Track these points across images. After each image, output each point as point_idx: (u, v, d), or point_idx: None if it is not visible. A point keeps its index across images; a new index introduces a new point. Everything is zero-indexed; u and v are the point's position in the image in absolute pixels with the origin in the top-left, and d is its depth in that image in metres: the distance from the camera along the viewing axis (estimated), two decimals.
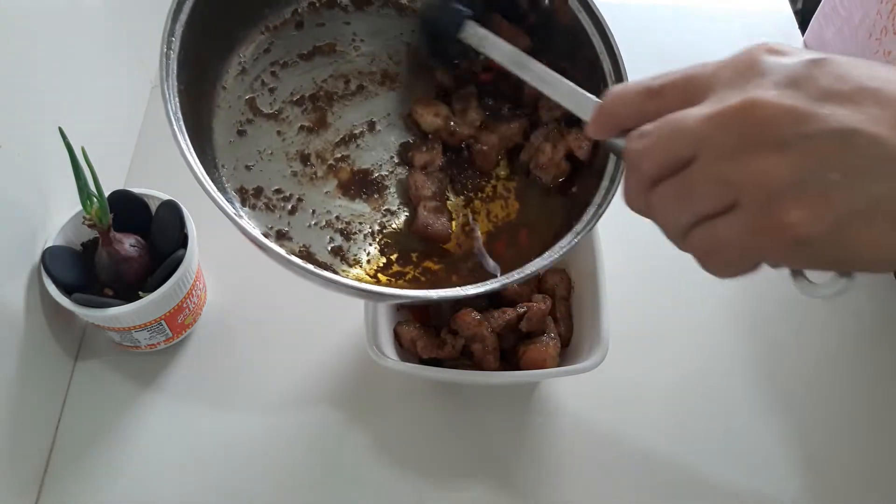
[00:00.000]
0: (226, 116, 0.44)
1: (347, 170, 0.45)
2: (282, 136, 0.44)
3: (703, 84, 0.30)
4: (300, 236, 0.42)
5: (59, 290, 0.49)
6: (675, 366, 0.55)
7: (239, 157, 0.43)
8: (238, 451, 0.51)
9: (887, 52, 0.61)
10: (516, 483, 0.50)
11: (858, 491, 0.51)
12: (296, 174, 0.44)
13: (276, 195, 0.43)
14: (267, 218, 0.42)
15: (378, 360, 0.46)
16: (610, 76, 0.44)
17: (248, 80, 0.45)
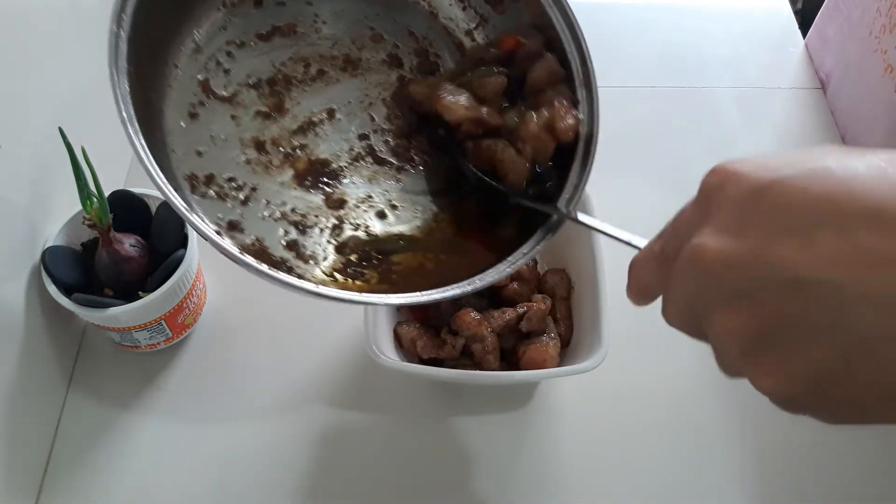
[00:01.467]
0: (178, 97, 0.41)
1: (304, 159, 0.43)
2: (236, 121, 0.42)
3: (680, 231, 0.28)
4: (253, 228, 0.40)
5: (59, 290, 0.49)
6: (675, 366, 0.55)
7: (190, 142, 0.41)
8: (238, 451, 0.51)
9: (884, 49, 0.61)
10: (516, 483, 0.50)
11: (859, 490, 0.51)
12: (250, 162, 0.42)
13: (228, 183, 0.41)
14: (218, 207, 0.40)
15: (378, 360, 0.46)
16: (578, 77, 0.43)
17: (202, 60, 0.42)
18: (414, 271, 0.41)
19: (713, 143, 0.69)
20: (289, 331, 0.56)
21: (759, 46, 0.78)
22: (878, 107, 0.62)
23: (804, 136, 0.70)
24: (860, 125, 0.67)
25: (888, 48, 0.60)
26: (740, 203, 0.24)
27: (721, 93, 0.73)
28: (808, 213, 0.23)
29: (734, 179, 0.25)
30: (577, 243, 0.53)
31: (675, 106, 0.72)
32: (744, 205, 0.24)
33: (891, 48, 0.60)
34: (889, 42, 0.60)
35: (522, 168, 0.42)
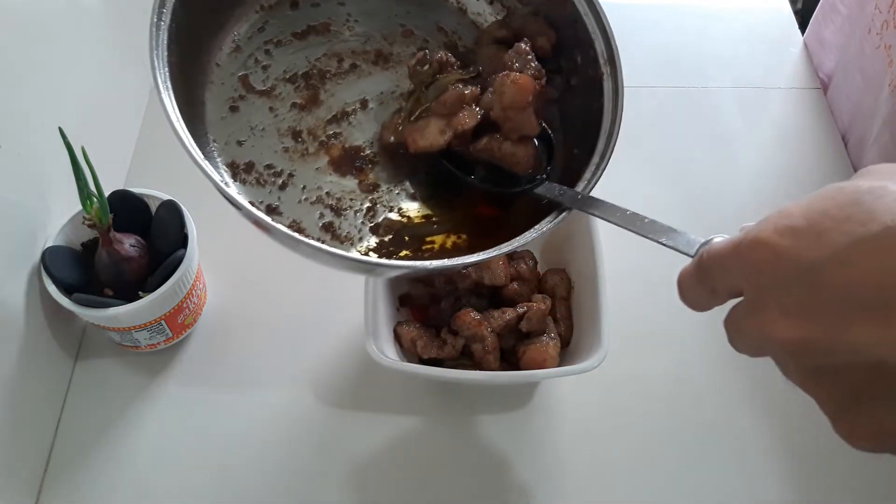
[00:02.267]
0: (218, 92, 0.44)
1: (339, 146, 0.45)
2: (274, 113, 0.44)
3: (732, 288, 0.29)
4: (291, 211, 0.42)
5: (59, 290, 0.49)
6: (675, 366, 0.55)
7: (231, 133, 0.43)
8: (238, 451, 0.51)
9: (888, 45, 0.61)
10: (516, 483, 0.50)
11: (861, 491, 0.51)
12: (287, 150, 0.44)
13: (267, 170, 0.43)
14: (257, 193, 0.42)
15: (378, 360, 0.46)
16: (602, 55, 0.44)
17: (241, 58, 0.45)
18: (446, 251, 0.43)
19: (713, 142, 0.69)
20: (289, 331, 0.56)
21: (760, 46, 0.78)
22: (880, 103, 0.63)
23: (804, 136, 0.70)
24: (860, 122, 0.67)
25: (892, 44, 0.60)
26: (799, 285, 0.24)
27: (721, 92, 0.73)
28: (876, 287, 0.22)
29: (785, 260, 0.25)
30: (577, 243, 0.53)
31: (675, 106, 0.72)
32: (803, 287, 0.24)
33: (894, 43, 0.60)
34: (892, 37, 0.60)
35: (525, 154, 0.43)
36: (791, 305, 0.25)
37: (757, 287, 0.27)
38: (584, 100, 0.45)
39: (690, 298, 0.33)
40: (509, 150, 0.43)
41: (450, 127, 0.43)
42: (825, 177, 0.66)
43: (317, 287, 0.59)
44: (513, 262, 0.53)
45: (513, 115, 0.42)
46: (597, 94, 0.44)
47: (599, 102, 0.44)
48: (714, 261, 0.29)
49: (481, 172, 0.44)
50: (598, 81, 0.44)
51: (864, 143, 0.66)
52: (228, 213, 0.67)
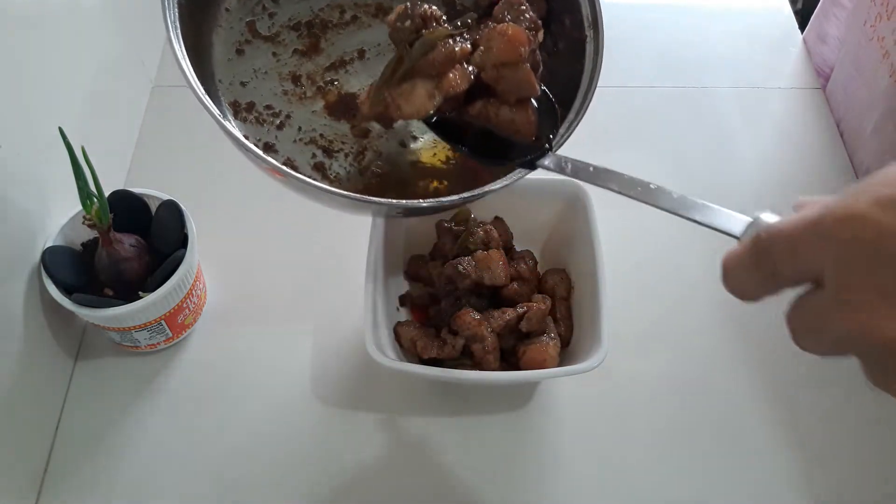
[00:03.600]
0: (226, 36, 0.47)
1: (335, 92, 0.47)
2: (276, 58, 0.47)
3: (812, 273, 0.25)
4: (286, 149, 0.45)
5: (59, 290, 0.49)
6: (675, 366, 0.55)
7: (236, 74, 0.46)
8: (238, 451, 0.51)
9: (881, 37, 0.62)
10: (516, 483, 0.50)
11: (862, 491, 0.51)
12: (286, 93, 0.47)
13: (266, 111, 0.46)
14: (256, 131, 0.45)
15: (378, 360, 0.46)
16: (587, 18, 0.45)
17: (249, 5, 0.48)
18: (429, 194, 0.45)
19: (713, 142, 0.69)
20: (289, 331, 0.56)
21: (760, 46, 0.78)
22: (875, 94, 0.63)
23: (804, 136, 0.70)
24: (856, 115, 0.67)
25: (885, 35, 0.61)
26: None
27: (721, 92, 0.73)
28: None
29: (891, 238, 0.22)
30: (577, 243, 0.53)
31: (674, 106, 0.72)
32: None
33: (888, 35, 0.60)
34: (886, 29, 0.61)
35: (525, 121, 0.41)
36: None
37: (849, 273, 0.23)
38: (568, 62, 0.46)
39: (740, 286, 0.28)
40: (507, 117, 0.41)
41: (439, 90, 0.40)
42: (825, 176, 0.66)
43: (317, 287, 0.59)
44: (513, 262, 0.53)
45: (506, 73, 0.40)
46: (579, 55, 0.46)
47: (581, 64, 0.45)
48: (780, 241, 0.25)
49: (476, 138, 0.42)
50: (581, 44, 0.46)
51: (860, 134, 0.66)
52: (228, 213, 0.67)
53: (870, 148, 0.65)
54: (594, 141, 0.69)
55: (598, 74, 0.44)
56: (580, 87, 0.45)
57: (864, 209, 0.23)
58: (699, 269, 0.59)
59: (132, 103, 0.68)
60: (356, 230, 0.53)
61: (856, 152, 0.67)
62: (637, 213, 0.65)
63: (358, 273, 0.50)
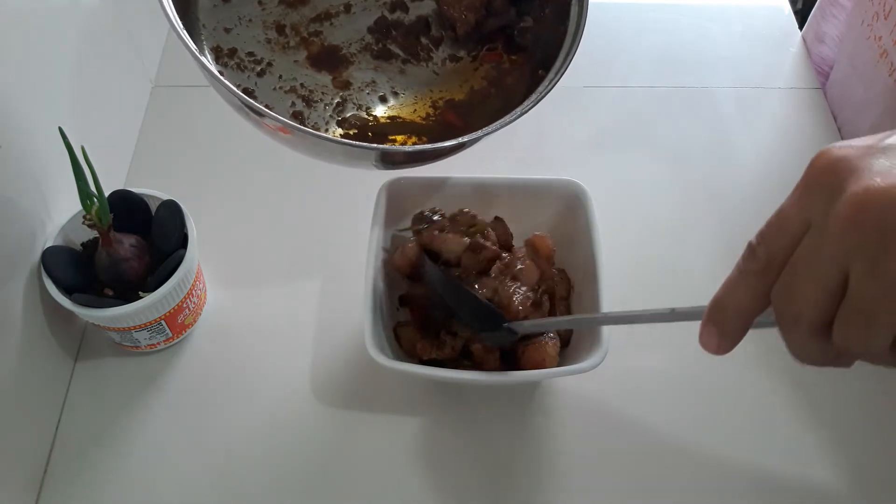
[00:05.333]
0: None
1: (318, 44, 0.48)
2: (262, 6, 0.48)
3: (798, 224, 0.29)
4: (265, 96, 0.45)
5: (59, 290, 0.49)
6: (675, 365, 0.55)
7: (220, 20, 0.47)
8: (238, 452, 0.51)
9: (877, 36, 0.62)
10: (516, 483, 0.50)
11: (864, 491, 0.51)
12: (269, 41, 0.47)
13: (248, 57, 0.47)
14: (236, 76, 0.46)
15: (378, 360, 0.46)
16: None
17: None
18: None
19: (712, 142, 0.69)
20: (289, 331, 0.56)
21: (759, 46, 0.78)
22: (873, 93, 0.63)
23: (803, 136, 0.70)
24: (855, 114, 0.67)
25: (883, 34, 0.61)
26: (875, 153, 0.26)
27: (720, 92, 0.73)
28: None
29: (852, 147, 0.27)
30: (577, 243, 0.53)
31: (674, 106, 0.72)
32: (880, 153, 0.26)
33: (885, 34, 0.61)
34: (883, 28, 0.61)
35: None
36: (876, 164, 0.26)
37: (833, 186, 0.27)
38: (553, 25, 0.47)
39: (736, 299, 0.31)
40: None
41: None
42: None
43: (317, 287, 0.59)
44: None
45: None
46: (563, 18, 0.47)
47: (565, 25, 0.47)
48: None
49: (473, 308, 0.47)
50: (566, 5, 0.47)
51: (859, 133, 0.66)
52: (228, 213, 0.67)
53: None
54: (594, 141, 0.70)
55: (580, 34, 0.45)
56: (562, 46, 0.46)
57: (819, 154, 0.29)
58: (699, 269, 0.59)
59: (132, 103, 0.68)
60: (356, 230, 0.53)
61: None
62: (637, 213, 0.66)
63: (358, 273, 0.50)
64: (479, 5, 0.48)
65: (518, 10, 0.50)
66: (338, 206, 0.63)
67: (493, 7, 0.49)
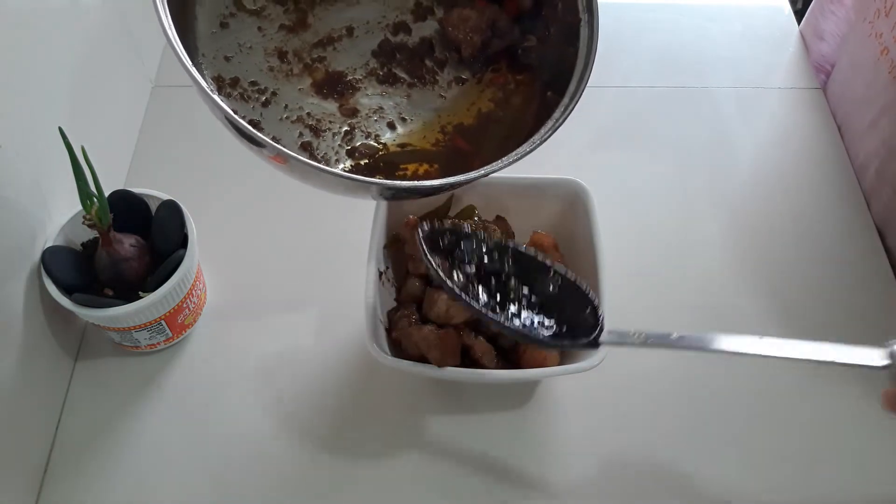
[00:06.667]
0: (210, 8, 0.46)
1: (323, 70, 0.46)
2: (262, 32, 0.46)
3: None
4: (271, 127, 0.44)
5: (59, 290, 0.49)
6: (675, 365, 0.55)
7: (219, 48, 0.45)
8: (238, 451, 0.51)
9: (878, 33, 0.62)
10: (517, 482, 0.50)
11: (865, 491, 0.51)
12: (272, 69, 0.46)
13: (251, 87, 0.45)
14: (241, 107, 0.44)
15: (379, 359, 0.46)
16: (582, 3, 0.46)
17: None
18: (419, 177, 0.44)
19: (712, 142, 0.69)
20: (289, 331, 0.56)
21: (759, 46, 0.78)
22: (873, 91, 0.63)
23: (803, 136, 0.70)
24: (855, 112, 0.67)
25: (884, 31, 0.61)
26: None
27: (720, 92, 0.73)
28: None
29: None
30: (578, 242, 0.53)
31: (674, 105, 0.72)
32: None
33: (886, 31, 0.61)
34: (884, 25, 0.61)
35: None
36: None
37: None
38: (561, 46, 0.47)
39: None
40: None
41: None
42: (824, 177, 0.66)
43: (317, 287, 0.59)
44: None
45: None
46: (573, 39, 0.46)
47: (575, 47, 0.45)
48: None
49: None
50: (575, 27, 0.46)
51: (858, 132, 0.66)
52: (228, 213, 0.67)
53: (867, 144, 0.65)
54: (594, 140, 0.70)
55: (593, 57, 0.45)
56: (574, 70, 0.45)
57: None
58: (700, 267, 0.59)
59: (132, 103, 0.68)
60: (357, 229, 0.53)
61: (854, 150, 0.67)
62: (638, 212, 0.66)
63: (358, 272, 0.50)
64: (484, 26, 0.48)
65: (522, 29, 0.49)
66: (338, 206, 0.63)
67: (498, 27, 0.48)
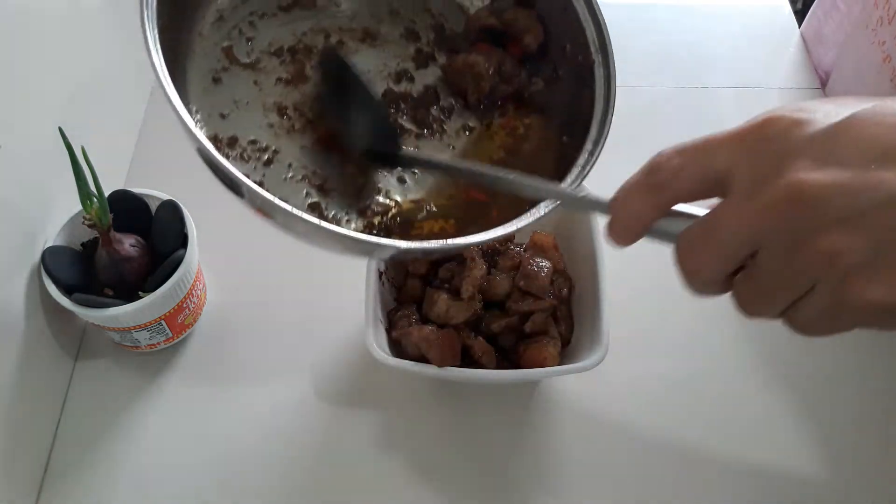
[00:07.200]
0: (201, 63, 0.43)
1: (325, 124, 0.44)
2: (259, 87, 0.44)
3: (720, 168, 0.29)
4: (276, 189, 0.41)
5: (59, 290, 0.49)
6: (675, 364, 0.55)
7: (214, 105, 0.42)
8: (238, 451, 0.51)
9: (881, 41, 0.61)
10: (517, 482, 0.50)
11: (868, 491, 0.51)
12: (272, 126, 0.43)
13: (251, 146, 0.42)
14: (241, 168, 0.41)
15: (379, 359, 0.46)
16: (593, 42, 0.44)
17: (225, 29, 0.44)
18: (434, 236, 0.42)
19: None
20: (289, 330, 0.56)
21: (759, 46, 0.78)
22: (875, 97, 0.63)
23: None
24: None
25: (886, 39, 0.61)
26: (826, 138, 0.27)
27: (720, 92, 0.73)
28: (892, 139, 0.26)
29: (806, 122, 0.27)
30: (577, 243, 0.53)
31: (674, 105, 0.72)
32: (829, 140, 0.27)
33: (889, 39, 0.60)
34: (887, 33, 0.61)
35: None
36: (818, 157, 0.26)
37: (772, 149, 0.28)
38: (573, 88, 0.45)
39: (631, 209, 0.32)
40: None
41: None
42: None
43: (317, 286, 0.58)
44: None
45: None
46: (587, 81, 0.44)
47: (591, 89, 0.44)
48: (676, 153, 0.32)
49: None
50: (588, 69, 0.44)
51: None
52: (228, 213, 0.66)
53: None
54: None
55: (614, 99, 0.43)
56: (594, 114, 0.43)
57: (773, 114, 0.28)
58: None
59: (132, 103, 0.68)
60: None
61: None
62: None
63: (359, 272, 0.50)
64: (491, 72, 0.46)
65: (528, 72, 0.47)
66: None
67: (504, 72, 0.47)
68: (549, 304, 0.51)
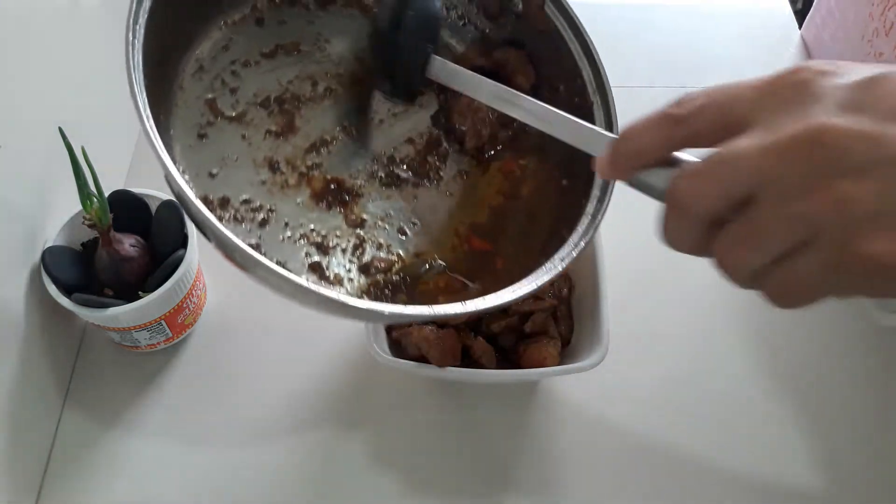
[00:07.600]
0: (184, 118, 0.40)
1: (321, 178, 0.42)
2: (247, 141, 0.41)
3: (741, 111, 0.28)
4: (274, 251, 0.39)
5: (59, 290, 0.49)
6: (675, 364, 0.56)
7: (201, 164, 0.39)
8: (238, 451, 0.51)
9: (878, 53, 0.61)
10: (517, 482, 0.50)
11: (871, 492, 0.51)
12: (265, 183, 0.40)
13: (244, 205, 0.40)
14: (235, 230, 0.38)
15: (379, 359, 0.46)
16: (590, 83, 0.43)
17: (206, 80, 0.41)
18: (440, 290, 0.41)
19: None
20: (289, 330, 0.56)
21: (759, 46, 0.78)
22: None
23: None
24: None
25: (884, 51, 0.61)
26: (855, 89, 0.26)
27: None
28: None
29: (836, 69, 0.28)
30: None
31: None
32: (860, 90, 0.26)
33: (888, 51, 0.60)
34: (884, 45, 0.61)
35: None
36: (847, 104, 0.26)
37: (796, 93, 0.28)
38: None
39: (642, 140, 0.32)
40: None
41: None
42: None
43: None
44: None
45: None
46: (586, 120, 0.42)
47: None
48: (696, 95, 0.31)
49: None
50: (586, 110, 0.42)
51: None
52: None
53: None
54: None
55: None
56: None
57: (802, 64, 0.29)
58: (701, 269, 0.59)
59: (132, 103, 0.68)
60: None
61: None
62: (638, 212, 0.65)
63: None
64: (493, 118, 0.45)
65: None
66: None
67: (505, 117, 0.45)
68: (549, 304, 0.51)
